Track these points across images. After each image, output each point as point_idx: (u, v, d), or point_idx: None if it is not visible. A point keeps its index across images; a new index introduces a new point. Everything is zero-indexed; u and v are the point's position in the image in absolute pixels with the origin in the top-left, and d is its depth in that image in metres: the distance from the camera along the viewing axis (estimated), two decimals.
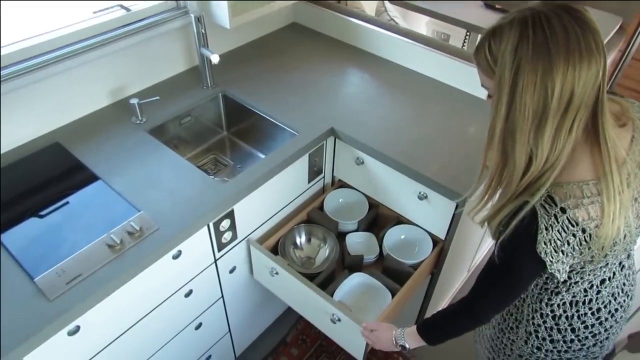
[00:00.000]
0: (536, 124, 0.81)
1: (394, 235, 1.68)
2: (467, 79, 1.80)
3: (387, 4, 2.45)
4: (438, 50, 1.85)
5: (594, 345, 1.09)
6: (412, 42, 1.90)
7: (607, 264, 0.99)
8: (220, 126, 1.89)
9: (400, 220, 1.71)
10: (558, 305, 1.03)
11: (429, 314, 1.86)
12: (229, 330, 1.80)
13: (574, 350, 1.10)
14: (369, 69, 1.93)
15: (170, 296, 1.40)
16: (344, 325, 1.42)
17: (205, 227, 1.38)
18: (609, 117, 0.85)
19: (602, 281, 1.01)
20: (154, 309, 1.36)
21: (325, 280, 1.55)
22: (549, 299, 1.03)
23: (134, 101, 1.56)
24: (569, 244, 0.87)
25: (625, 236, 0.93)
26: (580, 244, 0.88)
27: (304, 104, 1.74)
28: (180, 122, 1.71)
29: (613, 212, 0.85)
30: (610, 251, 0.92)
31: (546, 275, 1.01)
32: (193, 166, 1.46)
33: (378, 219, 1.79)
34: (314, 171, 1.72)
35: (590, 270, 0.98)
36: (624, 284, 1.07)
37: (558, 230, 0.86)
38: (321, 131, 1.61)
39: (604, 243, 0.87)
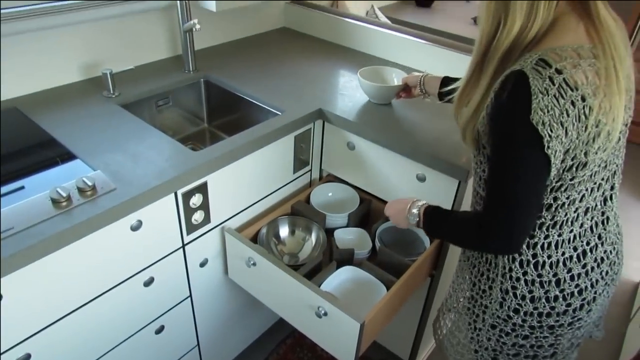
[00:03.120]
0: None
1: (388, 231, 1.50)
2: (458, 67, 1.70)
3: (377, 10, 2.43)
4: (431, 43, 1.78)
5: (581, 308, 0.93)
6: (406, 36, 1.83)
7: (594, 183, 0.85)
8: (200, 117, 1.75)
9: None
10: (542, 247, 0.88)
11: (429, 324, 1.63)
12: (198, 344, 1.55)
13: (557, 314, 0.92)
14: (360, 64, 1.84)
15: (126, 280, 1.19)
16: (331, 320, 1.20)
17: (173, 197, 1.20)
18: None
19: (586, 211, 0.88)
20: (103, 292, 1.15)
21: (310, 273, 1.34)
22: (531, 237, 0.88)
23: (107, 71, 1.43)
24: (567, 114, 0.75)
25: (617, 138, 0.82)
26: (579, 119, 0.76)
27: (291, 88, 1.62)
28: (156, 104, 1.58)
29: (610, 83, 0.77)
30: (604, 151, 0.81)
31: None
32: (163, 134, 1.30)
33: (370, 214, 1.61)
34: (300, 160, 1.57)
35: (578, 184, 0.83)
36: (609, 230, 0.93)
37: (555, 95, 0.74)
38: (308, 111, 1.47)
39: (602, 127, 0.78)
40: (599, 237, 0.91)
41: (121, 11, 1.54)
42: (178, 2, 1.54)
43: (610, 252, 0.95)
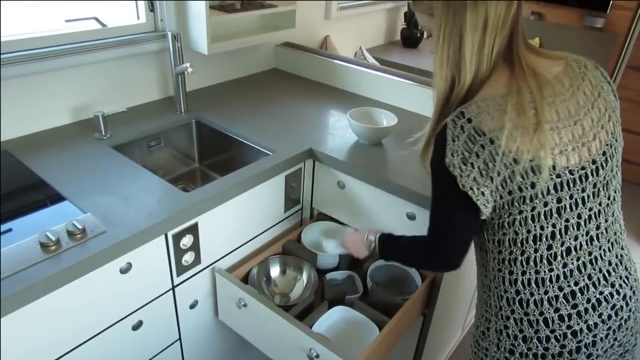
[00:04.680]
0: (454, 44, 0.89)
1: (379, 271, 1.49)
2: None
3: (365, 51, 2.50)
4: (417, 83, 1.83)
5: (577, 351, 0.91)
6: (393, 77, 1.88)
7: (566, 220, 0.89)
8: (192, 157, 1.76)
9: None
10: (523, 284, 0.91)
11: None
12: None
13: (552, 356, 0.91)
14: (350, 104, 1.88)
15: (114, 324, 1.17)
16: None
17: (163, 239, 1.19)
18: (522, 43, 0.91)
19: (568, 251, 0.90)
20: (90, 338, 1.12)
21: (301, 314, 1.33)
22: (510, 273, 0.93)
23: (99, 113, 1.45)
24: (478, 156, 0.86)
25: (561, 175, 0.87)
26: (493, 159, 0.85)
27: (282, 128, 1.65)
28: (148, 145, 1.59)
29: (524, 123, 0.84)
30: (547, 189, 0.86)
31: (497, 238, 0.93)
32: (154, 175, 1.31)
33: None
34: (291, 199, 1.58)
35: (533, 218, 0.88)
36: (607, 272, 0.92)
37: (465, 141, 0.87)
38: (299, 150, 1.49)
39: (524, 165, 0.84)
40: (589, 278, 0.91)
41: (114, 55, 1.57)
42: (170, 46, 1.58)
43: (611, 295, 0.92)
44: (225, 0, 1.82)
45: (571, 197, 0.88)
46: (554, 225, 0.89)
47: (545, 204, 0.87)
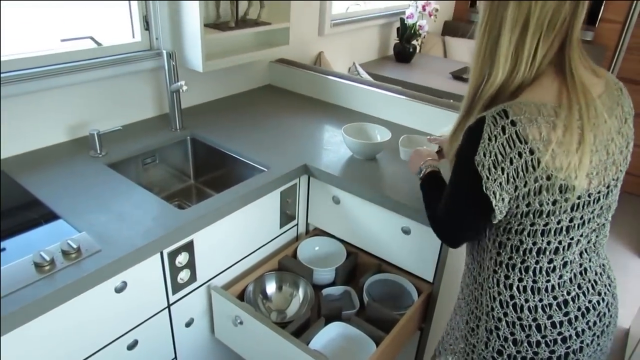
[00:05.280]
0: (492, 39, 0.86)
1: (376, 285, 1.49)
2: (442, 122, 1.76)
3: (358, 67, 2.52)
4: (410, 98, 1.85)
5: (566, 357, 0.94)
6: (386, 93, 1.90)
7: (571, 238, 0.90)
8: (187, 174, 1.77)
9: (381, 268, 1.54)
10: (518, 290, 0.92)
11: None
12: None
13: None
14: (344, 119, 1.89)
15: (109, 344, 1.16)
16: None
17: (158, 257, 1.19)
18: (578, 57, 0.87)
19: (565, 264, 0.91)
20: (86, 358, 1.11)
21: (298, 330, 1.32)
22: (506, 277, 0.93)
23: (94, 131, 1.45)
24: (511, 162, 0.83)
25: (581, 197, 0.86)
26: (526, 169, 0.82)
27: (277, 144, 1.65)
28: (143, 162, 1.59)
29: (569, 141, 0.81)
30: (567, 208, 0.86)
31: (499, 240, 0.93)
32: (149, 193, 1.31)
33: (357, 268, 1.61)
34: (287, 215, 1.58)
35: (542, 233, 0.88)
36: (594, 281, 0.95)
37: (502, 144, 0.83)
38: (294, 167, 1.50)
39: (555, 181, 0.82)
40: (579, 287, 0.94)
41: (109, 73, 1.58)
42: (165, 64, 1.59)
43: (598, 302, 0.96)
44: (220, 18, 1.85)
45: (582, 217, 0.89)
46: (560, 242, 0.90)
47: (559, 222, 0.88)
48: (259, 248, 1.54)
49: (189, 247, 1.26)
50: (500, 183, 0.84)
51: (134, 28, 1.67)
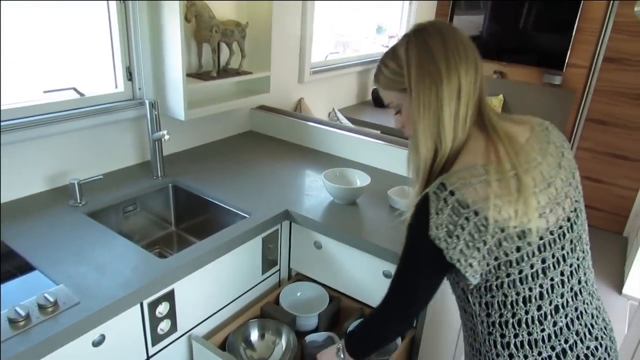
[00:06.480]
0: (433, 115, 0.92)
1: None
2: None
3: (337, 112, 2.59)
4: (389, 143, 1.90)
5: None
6: (365, 138, 1.96)
7: (551, 279, 0.90)
8: (168, 221, 1.76)
9: (364, 312, 1.53)
10: (516, 347, 0.91)
11: None
12: None
13: None
14: (324, 164, 1.93)
15: None
16: None
17: (138, 308, 1.17)
18: (491, 110, 0.96)
19: (556, 309, 0.91)
20: None
21: None
22: (502, 336, 0.92)
23: (74, 181, 1.45)
24: (463, 229, 0.86)
25: (543, 237, 0.89)
26: (478, 230, 0.85)
27: (258, 189, 1.67)
28: (124, 210, 1.59)
29: (508, 192, 0.86)
30: (534, 250, 0.88)
31: (484, 301, 0.93)
32: (129, 242, 1.30)
33: (340, 313, 1.60)
34: (269, 260, 1.58)
35: (521, 281, 0.89)
36: (591, 325, 0.95)
37: (449, 214, 0.87)
38: (275, 212, 1.51)
39: (509, 231, 0.85)
40: (577, 334, 0.93)
41: (92, 123, 1.60)
42: (148, 113, 1.62)
43: (596, 348, 0.94)
44: (202, 68, 1.90)
45: (553, 256, 0.91)
46: (541, 286, 0.90)
47: (532, 266, 0.89)
48: (241, 295, 1.52)
49: (169, 297, 1.25)
50: (461, 249, 0.87)
51: (117, 78, 1.70)
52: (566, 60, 3.35)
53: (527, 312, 0.91)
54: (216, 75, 1.88)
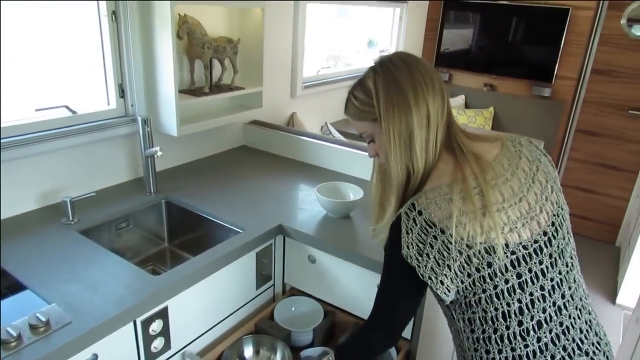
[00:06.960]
0: (404, 142, 0.95)
1: None
2: None
3: (330, 126, 2.60)
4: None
5: None
6: (357, 151, 1.97)
7: (530, 294, 0.90)
8: (161, 237, 1.76)
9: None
10: None
11: None
12: None
13: None
14: (317, 178, 1.94)
15: None
16: None
17: (131, 326, 1.16)
18: (460, 132, 1.00)
19: (539, 324, 0.91)
20: None
21: None
22: (487, 352, 0.93)
23: (66, 198, 1.45)
24: (432, 247, 0.89)
25: (516, 252, 0.90)
26: (447, 248, 0.88)
27: (252, 204, 1.67)
28: (117, 227, 1.58)
29: (472, 209, 0.88)
30: (504, 266, 0.89)
31: (467, 317, 0.94)
32: (122, 259, 1.30)
33: (335, 328, 1.59)
34: (263, 275, 1.57)
35: (497, 296, 0.90)
36: (580, 340, 0.93)
37: (418, 233, 0.90)
38: (269, 227, 1.51)
39: (476, 247, 0.87)
40: (564, 349, 0.92)
41: (84, 140, 1.60)
42: (140, 130, 1.62)
43: None
44: (194, 84, 1.91)
45: (530, 270, 0.90)
46: (519, 301, 0.90)
47: (507, 281, 0.89)
48: (235, 311, 1.51)
49: (163, 314, 1.24)
50: (432, 267, 0.90)
51: (109, 96, 1.71)
52: (555, 73, 3.40)
53: (507, 328, 0.91)
54: (208, 91, 1.89)
